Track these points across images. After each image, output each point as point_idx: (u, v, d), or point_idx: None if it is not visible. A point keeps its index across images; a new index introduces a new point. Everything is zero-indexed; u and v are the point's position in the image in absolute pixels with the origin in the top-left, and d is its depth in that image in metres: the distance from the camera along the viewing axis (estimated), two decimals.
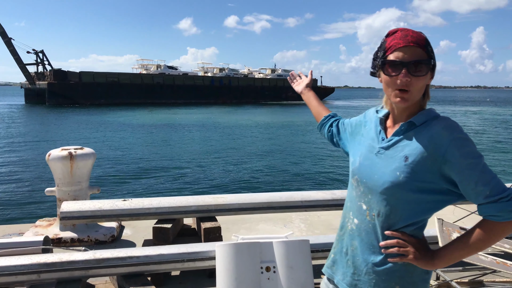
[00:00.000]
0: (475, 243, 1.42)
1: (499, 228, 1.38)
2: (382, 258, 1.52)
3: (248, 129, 31.71)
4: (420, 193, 1.45)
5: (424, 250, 1.49)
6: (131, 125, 33.70)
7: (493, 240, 1.41)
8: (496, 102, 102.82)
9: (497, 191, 1.36)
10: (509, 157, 19.06)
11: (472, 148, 1.40)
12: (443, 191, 1.45)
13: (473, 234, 1.42)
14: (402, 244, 1.49)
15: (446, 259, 1.47)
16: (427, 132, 1.45)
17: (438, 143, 1.41)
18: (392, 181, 1.47)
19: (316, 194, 4.20)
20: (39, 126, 32.56)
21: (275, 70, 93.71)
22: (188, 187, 13.12)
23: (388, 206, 1.50)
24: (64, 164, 4.63)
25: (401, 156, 1.48)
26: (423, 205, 1.47)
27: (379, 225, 1.53)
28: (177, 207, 3.90)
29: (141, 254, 3.25)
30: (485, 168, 1.39)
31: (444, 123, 1.44)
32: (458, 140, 1.39)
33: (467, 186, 1.39)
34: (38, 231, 4.68)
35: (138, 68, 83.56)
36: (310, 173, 15.32)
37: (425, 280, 1.56)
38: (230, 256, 2.61)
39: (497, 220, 1.37)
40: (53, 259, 3.13)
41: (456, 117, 46.66)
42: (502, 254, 3.62)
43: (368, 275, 1.55)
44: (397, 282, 1.52)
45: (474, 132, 29.48)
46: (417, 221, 1.50)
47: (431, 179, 1.43)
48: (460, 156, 1.38)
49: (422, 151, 1.43)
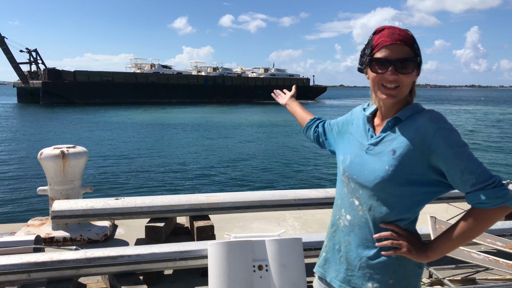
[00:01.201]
0: (465, 231, 1.43)
1: (487, 215, 1.40)
2: (375, 252, 1.53)
3: (242, 129, 31.70)
4: (410, 185, 1.47)
5: (417, 243, 1.51)
6: (125, 124, 33.59)
7: (482, 227, 1.43)
8: (490, 101, 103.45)
9: (483, 178, 1.38)
10: (503, 157, 19.17)
11: (457, 137, 1.42)
12: (432, 182, 1.47)
13: (463, 223, 1.44)
14: (395, 237, 1.50)
15: (438, 250, 1.48)
16: (412, 125, 1.48)
17: (424, 135, 1.44)
18: (382, 175, 1.49)
19: (309, 193, 4.20)
20: (32, 125, 32.37)
21: (268, 69, 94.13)
22: (181, 185, 13.09)
23: (379, 201, 1.52)
24: (56, 163, 4.59)
25: (389, 151, 1.50)
26: (413, 197, 1.49)
27: (371, 219, 1.54)
28: (170, 206, 3.89)
29: (132, 253, 3.22)
30: (471, 156, 1.41)
31: (429, 115, 1.47)
32: (443, 130, 1.42)
33: (454, 175, 1.41)
34: (30, 231, 4.64)
35: (131, 67, 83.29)
36: (304, 172, 15.34)
37: (418, 274, 1.57)
38: (222, 254, 2.59)
39: (485, 207, 1.39)
40: (43, 259, 3.10)
41: (452, 116, 46.88)
42: (495, 252, 3.63)
43: (362, 270, 1.56)
44: (391, 275, 1.53)
45: (468, 131, 29.63)
46: (409, 214, 1.52)
47: (419, 171, 1.46)
48: (445, 146, 1.40)
49: (409, 144, 1.46)
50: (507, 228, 3.97)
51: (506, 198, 1.37)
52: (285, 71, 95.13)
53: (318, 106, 71.63)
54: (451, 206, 5.67)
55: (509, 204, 1.38)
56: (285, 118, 39.84)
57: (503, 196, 1.37)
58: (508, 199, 1.37)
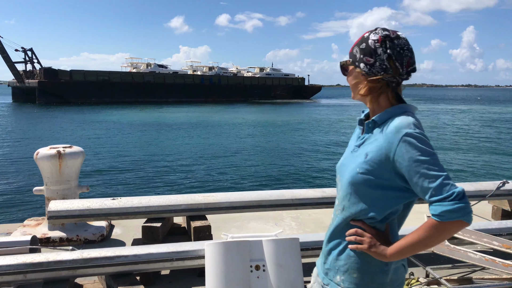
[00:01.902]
0: (423, 240, 1.44)
1: (442, 228, 1.40)
2: (343, 247, 1.63)
3: (238, 128, 31.70)
4: (379, 189, 1.52)
5: (381, 242, 1.54)
6: (122, 124, 33.52)
7: (438, 238, 1.43)
8: (486, 101, 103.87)
9: (441, 191, 1.38)
10: (499, 157, 19.24)
11: (421, 146, 1.43)
12: (400, 188, 1.50)
13: (422, 231, 1.45)
14: (360, 233, 1.57)
15: (397, 253, 1.50)
16: (384, 130, 1.52)
17: (390, 142, 1.47)
18: (353, 176, 1.56)
19: (306, 192, 4.20)
20: (28, 125, 32.25)
21: (264, 68, 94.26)
22: (178, 185, 13.07)
23: (350, 201, 1.59)
24: (53, 163, 4.57)
25: (363, 153, 1.56)
26: (382, 201, 1.53)
27: (343, 218, 1.63)
28: (166, 206, 3.87)
29: (129, 254, 3.22)
30: (433, 167, 1.41)
31: (398, 121, 1.49)
32: (408, 139, 1.44)
33: (415, 184, 1.43)
34: (26, 231, 4.62)
35: (127, 66, 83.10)
36: (301, 171, 15.36)
37: (384, 272, 1.59)
38: (219, 254, 2.58)
39: (439, 220, 1.39)
40: (39, 259, 3.09)
41: (448, 115, 47.03)
42: (491, 251, 3.65)
43: (333, 263, 1.66)
44: (355, 270, 1.59)
45: (464, 131, 29.74)
46: (377, 215, 1.55)
47: (386, 176, 1.50)
48: (407, 156, 1.43)
49: (378, 149, 1.50)
50: (504, 227, 3.98)
51: (462, 213, 1.35)
52: (280, 71, 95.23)
53: (313, 105, 71.79)
54: None
55: (464, 219, 1.36)
56: (281, 118, 39.90)
57: (458, 210, 1.35)
58: (464, 214, 1.36)
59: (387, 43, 1.53)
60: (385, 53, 1.53)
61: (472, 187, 4.47)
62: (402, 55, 1.53)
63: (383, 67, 1.54)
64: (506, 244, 3.44)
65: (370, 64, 1.56)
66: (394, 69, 1.54)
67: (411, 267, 3.64)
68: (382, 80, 1.55)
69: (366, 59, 1.56)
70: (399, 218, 1.63)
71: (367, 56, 1.56)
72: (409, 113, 1.53)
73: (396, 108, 1.56)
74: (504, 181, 4.56)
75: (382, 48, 1.53)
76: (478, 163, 17.21)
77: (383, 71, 1.54)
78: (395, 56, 1.53)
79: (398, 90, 1.61)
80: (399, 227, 1.64)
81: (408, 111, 1.55)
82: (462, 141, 23.94)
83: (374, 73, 1.56)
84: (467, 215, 1.36)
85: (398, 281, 1.63)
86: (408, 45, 1.55)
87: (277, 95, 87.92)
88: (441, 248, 3.16)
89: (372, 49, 1.55)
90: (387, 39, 1.54)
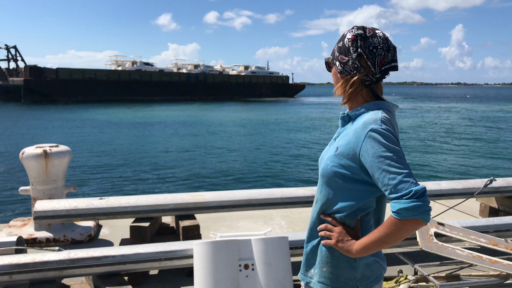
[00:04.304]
0: (384, 237, 1.45)
1: (400, 225, 1.40)
2: (317, 242, 1.67)
3: (227, 126, 31.64)
4: (346, 182, 1.54)
5: (348, 237, 1.56)
6: (109, 122, 33.24)
7: (397, 235, 1.43)
8: (475, 98, 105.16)
9: (400, 188, 1.38)
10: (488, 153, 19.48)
11: (385, 142, 1.43)
12: (366, 182, 1.52)
13: (383, 229, 1.46)
14: (329, 228, 1.60)
15: (362, 249, 1.52)
16: (354, 126, 1.54)
17: (358, 137, 1.50)
18: (323, 168, 1.61)
19: (296, 191, 4.20)
20: (13, 124, 31.79)
21: (249, 67, 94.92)
22: (166, 185, 12.99)
23: (321, 194, 1.64)
24: (39, 163, 4.50)
25: (335, 147, 1.60)
26: (350, 193, 1.56)
27: (316, 211, 1.68)
28: (155, 205, 3.84)
29: (117, 254, 3.18)
30: (395, 163, 1.41)
31: (367, 117, 1.51)
32: (373, 134, 1.45)
33: (376, 180, 1.45)
34: (12, 231, 4.55)
35: (111, 64, 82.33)
36: (290, 170, 15.37)
37: (353, 267, 1.61)
38: (208, 254, 2.57)
39: (397, 217, 1.39)
40: (25, 260, 3.04)
41: (437, 113, 47.45)
42: (478, 248, 3.68)
43: (307, 255, 1.72)
44: (325, 264, 1.63)
45: (452, 129, 30.06)
46: (346, 208, 1.57)
47: (353, 170, 1.52)
48: (370, 151, 1.44)
49: (348, 143, 1.53)
50: (491, 224, 4.03)
51: (417, 211, 1.35)
52: (265, 69, 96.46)
53: (297, 103, 72.10)
54: (437, 203, 5.74)
55: (420, 217, 1.36)
56: (269, 115, 39.92)
57: (414, 209, 1.35)
58: (420, 213, 1.36)
59: (358, 42, 1.53)
60: (355, 52, 1.54)
61: (460, 185, 4.51)
62: (374, 54, 1.52)
63: (355, 66, 1.55)
64: (493, 241, 3.47)
65: (343, 62, 1.58)
66: (366, 68, 1.54)
67: (400, 265, 3.67)
68: (357, 78, 1.57)
69: (341, 58, 1.59)
70: (376, 215, 1.64)
71: (342, 55, 1.58)
72: (382, 110, 1.54)
73: (371, 105, 1.57)
74: (492, 179, 4.62)
75: (353, 47, 1.54)
76: (466, 161, 17.41)
77: (355, 70, 1.56)
78: (366, 55, 1.53)
79: (376, 88, 1.61)
80: (378, 224, 1.64)
81: (382, 107, 1.56)
82: (450, 139, 24.19)
83: (347, 72, 1.58)
84: (423, 214, 1.36)
85: (372, 277, 1.63)
86: (384, 44, 1.54)
87: (262, 93, 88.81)
88: (430, 246, 3.18)
89: (346, 48, 1.57)
90: (359, 37, 1.53)
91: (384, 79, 1.60)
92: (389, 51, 1.55)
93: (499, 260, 3.17)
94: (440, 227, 3.45)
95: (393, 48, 1.56)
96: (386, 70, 1.55)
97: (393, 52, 1.56)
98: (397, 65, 1.57)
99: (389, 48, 1.55)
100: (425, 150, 20.17)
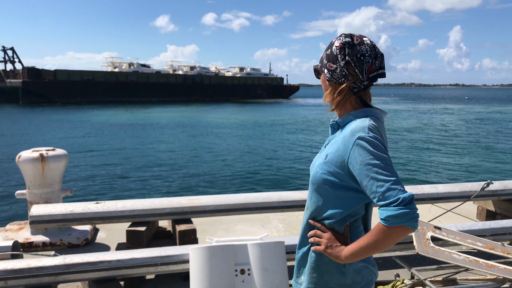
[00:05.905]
0: (372, 243, 1.46)
1: (388, 232, 1.41)
2: (307, 248, 1.69)
3: (223, 128, 31.63)
4: (335, 189, 1.56)
5: (338, 244, 1.57)
6: (106, 125, 33.19)
7: (385, 242, 1.44)
8: (474, 100, 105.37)
9: (387, 195, 1.39)
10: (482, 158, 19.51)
11: (373, 150, 1.44)
12: (355, 189, 1.54)
13: (371, 235, 1.47)
14: (318, 235, 1.63)
15: (350, 255, 1.53)
16: (343, 133, 1.56)
17: (346, 145, 1.51)
18: (313, 175, 1.63)
19: (293, 194, 4.19)
20: (10, 126, 31.70)
21: (244, 68, 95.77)
22: (163, 188, 12.95)
23: (311, 201, 1.67)
24: (35, 166, 4.49)
25: (324, 154, 1.61)
26: (338, 200, 1.57)
27: (306, 217, 1.71)
28: (151, 209, 3.83)
29: (112, 259, 3.17)
30: (382, 171, 1.42)
31: (355, 125, 1.53)
32: (360, 142, 1.47)
33: (365, 188, 1.46)
34: (8, 236, 4.54)
35: (108, 66, 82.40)
36: (288, 173, 15.35)
37: (342, 273, 1.61)
38: (204, 259, 2.56)
39: (385, 224, 1.40)
40: (20, 265, 3.03)
41: (435, 115, 47.51)
42: (475, 252, 3.68)
43: (298, 262, 1.74)
44: (315, 269, 1.65)
45: (451, 131, 30.10)
46: (335, 215, 1.59)
47: (342, 177, 1.54)
48: (359, 158, 1.46)
49: (336, 151, 1.55)
50: (487, 228, 4.02)
51: (405, 218, 1.37)
52: (260, 70, 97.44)
53: (291, 104, 72.26)
54: (434, 206, 5.74)
55: (408, 225, 1.38)
56: (265, 117, 39.90)
57: (401, 216, 1.36)
58: (407, 220, 1.37)
59: (346, 50, 1.54)
60: (343, 60, 1.54)
61: (457, 188, 4.51)
62: (362, 61, 1.53)
63: (343, 74, 1.56)
64: (490, 244, 3.47)
65: (332, 70, 1.59)
66: (354, 75, 1.55)
67: (397, 269, 3.67)
68: (345, 86, 1.57)
69: (329, 65, 1.60)
70: (364, 221, 1.66)
71: (330, 62, 1.59)
72: (370, 117, 1.54)
73: (359, 112, 1.58)
74: (489, 182, 4.62)
75: (340, 55, 1.55)
76: (463, 164, 17.42)
77: (343, 78, 1.57)
78: (354, 62, 1.53)
79: (364, 95, 1.62)
80: (367, 230, 1.65)
81: (370, 114, 1.56)
82: (447, 142, 24.21)
83: (336, 79, 1.59)
84: (410, 221, 1.37)
85: (362, 283, 1.64)
86: (372, 51, 1.54)
87: (258, 95, 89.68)
88: (426, 250, 3.18)
89: (334, 56, 1.58)
90: (347, 45, 1.54)
91: (372, 86, 1.61)
92: (377, 59, 1.55)
93: (496, 264, 3.17)
94: (437, 231, 3.46)
95: (381, 55, 1.57)
96: (374, 77, 1.56)
97: (381, 59, 1.56)
98: (385, 72, 1.58)
99: (377, 55, 1.55)
100: (423, 152, 20.18)
